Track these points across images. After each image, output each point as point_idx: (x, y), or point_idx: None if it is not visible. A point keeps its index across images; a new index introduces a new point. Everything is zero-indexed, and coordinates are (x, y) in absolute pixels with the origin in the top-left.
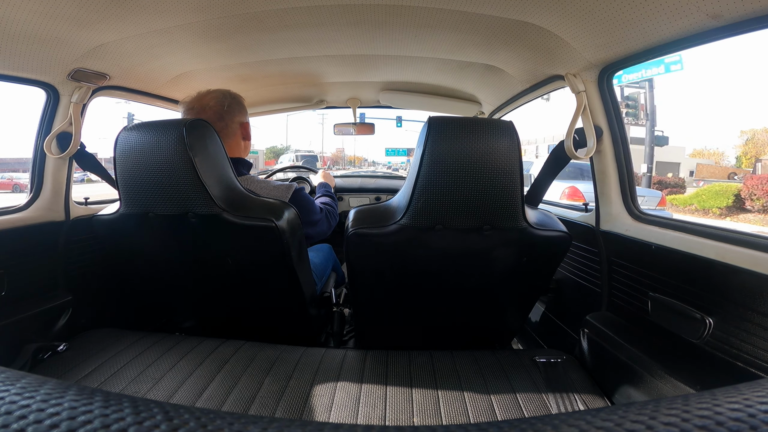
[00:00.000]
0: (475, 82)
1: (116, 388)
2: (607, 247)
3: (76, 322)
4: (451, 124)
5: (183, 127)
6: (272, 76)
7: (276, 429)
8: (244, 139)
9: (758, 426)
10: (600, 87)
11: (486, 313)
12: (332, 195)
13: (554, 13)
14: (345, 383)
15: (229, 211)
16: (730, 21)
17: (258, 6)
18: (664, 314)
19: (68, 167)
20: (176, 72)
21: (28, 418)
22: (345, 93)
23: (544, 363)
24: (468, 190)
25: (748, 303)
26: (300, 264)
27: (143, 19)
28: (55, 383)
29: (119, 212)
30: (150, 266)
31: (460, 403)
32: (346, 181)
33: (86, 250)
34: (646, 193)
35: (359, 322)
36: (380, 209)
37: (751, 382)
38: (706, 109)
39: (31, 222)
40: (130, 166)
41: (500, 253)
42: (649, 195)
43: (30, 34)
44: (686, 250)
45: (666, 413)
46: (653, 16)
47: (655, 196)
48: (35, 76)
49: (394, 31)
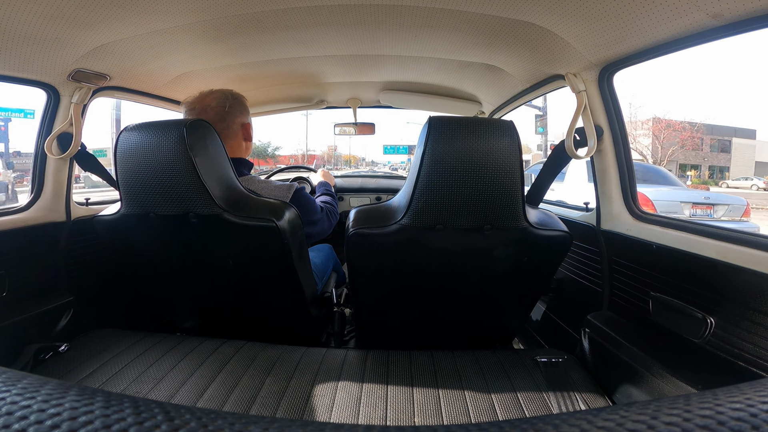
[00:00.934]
0: (475, 81)
1: (117, 388)
2: (608, 247)
3: (77, 322)
4: (452, 124)
5: (183, 127)
6: (272, 77)
7: (277, 429)
8: (245, 139)
9: (760, 426)
10: (600, 86)
11: (487, 312)
12: (332, 193)
13: (554, 12)
14: (346, 383)
15: (230, 212)
16: (730, 20)
17: (258, 6)
18: (666, 314)
19: (69, 168)
20: (176, 72)
21: (29, 418)
22: (345, 93)
23: (545, 363)
24: (469, 189)
25: (750, 302)
26: (301, 264)
27: (143, 19)
28: (56, 384)
29: (120, 213)
30: (151, 266)
31: (461, 403)
32: (346, 181)
33: (87, 251)
34: (730, 201)
35: (360, 322)
36: (381, 209)
37: (753, 382)
38: None
39: (32, 223)
40: (130, 167)
41: (501, 252)
42: (733, 203)
43: (30, 34)
44: (687, 250)
45: (667, 413)
46: (654, 16)
47: (738, 204)
48: (35, 76)
49: (395, 31)
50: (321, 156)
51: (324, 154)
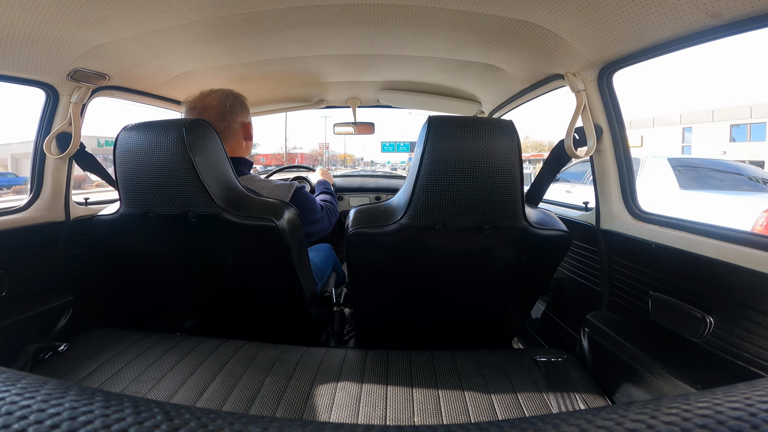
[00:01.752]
0: (474, 81)
1: (117, 388)
2: (608, 246)
3: (76, 322)
4: (451, 124)
5: (183, 127)
6: (272, 76)
7: (277, 429)
8: (245, 139)
9: (759, 425)
10: (600, 86)
11: (486, 312)
12: (332, 192)
13: (554, 12)
14: (345, 383)
15: (229, 211)
16: (729, 20)
17: (257, 6)
18: (665, 313)
19: (68, 167)
20: (176, 72)
21: (29, 418)
22: (345, 92)
23: (544, 362)
24: (468, 189)
25: (749, 302)
26: (300, 263)
27: (142, 19)
28: (55, 383)
29: (119, 212)
30: (150, 266)
31: (461, 402)
32: (346, 180)
33: (87, 251)
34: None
35: (360, 321)
36: (380, 209)
37: (752, 381)
38: None
39: (31, 222)
40: (130, 166)
41: (500, 252)
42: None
43: (29, 34)
44: (686, 249)
45: (667, 412)
46: (653, 15)
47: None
48: (34, 76)
49: (394, 30)
50: (310, 155)
51: (315, 153)
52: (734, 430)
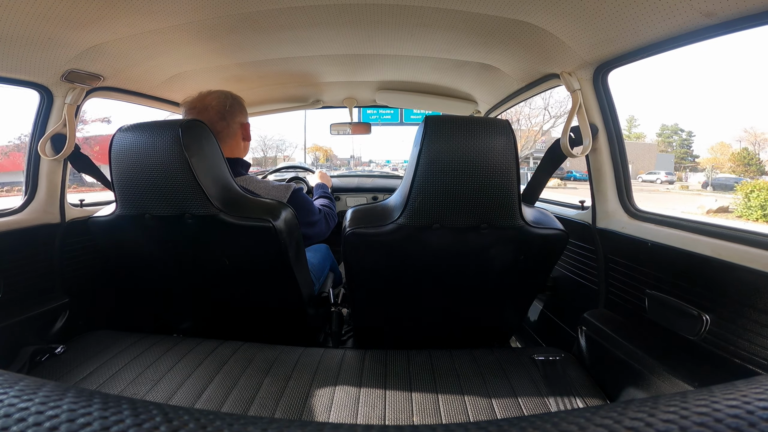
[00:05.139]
0: (471, 80)
1: (115, 390)
2: (604, 245)
3: (73, 324)
4: (448, 123)
5: (179, 127)
6: (268, 76)
7: (275, 429)
8: (244, 139)
9: (756, 423)
10: (595, 85)
11: (484, 311)
12: (330, 196)
13: (549, 11)
14: (344, 383)
15: (226, 212)
16: (723, 19)
17: (253, 6)
18: (661, 311)
19: (63, 169)
20: (171, 73)
21: (27, 420)
22: (341, 93)
23: (542, 361)
24: (465, 188)
25: (745, 299)
26: (298, 264)
27: (137, 19)
28: (53, 385)
29: (115, 214)
30: (147, 267)
31: (460, 402)
32: (343, 180)
33: (82, 252)
34: None
35: (357, 321)
36: (377, 209)
37: (749, 379)
38: None
39: (26, 224)
40: (125, 168)
41: (498, 251)
42: None
43: (22, 35)
44: (682, 247)
45: (664, 410)
46: (648, 15)
47: None
48: (28, 77)
49: (391, 30)
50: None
51: None
52: (732, 428)
